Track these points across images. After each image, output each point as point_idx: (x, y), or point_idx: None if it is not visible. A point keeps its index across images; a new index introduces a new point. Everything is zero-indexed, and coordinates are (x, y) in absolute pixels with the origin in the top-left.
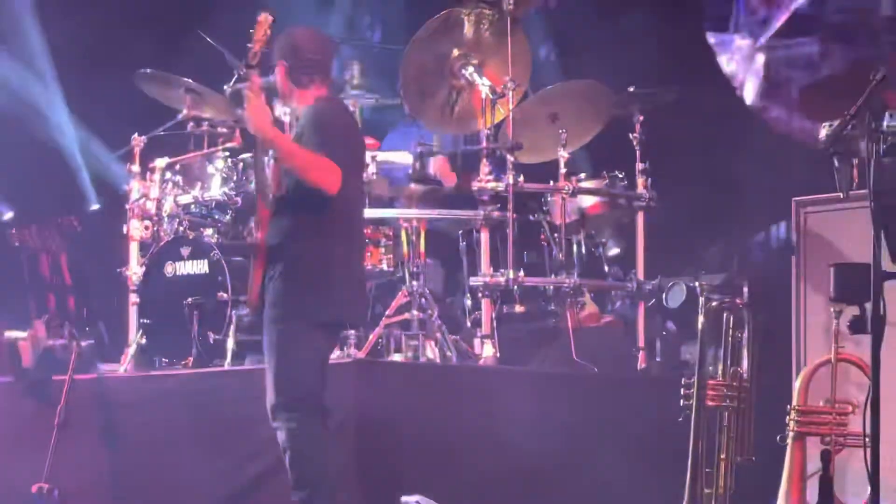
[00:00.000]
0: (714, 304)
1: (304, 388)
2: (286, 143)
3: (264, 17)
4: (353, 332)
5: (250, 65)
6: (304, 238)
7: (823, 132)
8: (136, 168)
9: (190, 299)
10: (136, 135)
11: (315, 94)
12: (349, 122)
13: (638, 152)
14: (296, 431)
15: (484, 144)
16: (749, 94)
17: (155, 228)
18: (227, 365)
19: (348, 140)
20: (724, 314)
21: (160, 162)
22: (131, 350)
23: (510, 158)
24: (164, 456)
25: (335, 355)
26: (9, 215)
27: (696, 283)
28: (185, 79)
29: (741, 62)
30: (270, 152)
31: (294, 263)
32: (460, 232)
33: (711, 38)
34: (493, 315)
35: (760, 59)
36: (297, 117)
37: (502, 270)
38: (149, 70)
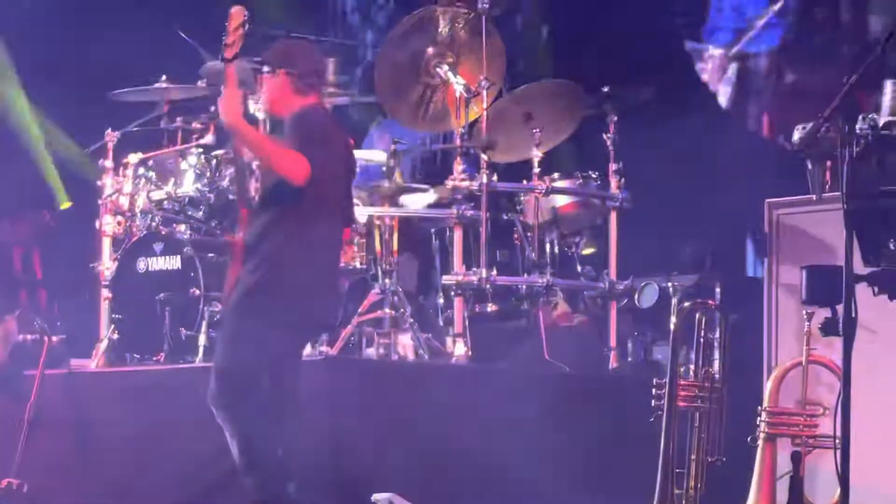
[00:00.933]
0: (686, 304)
1: (248, 377)
2: (255, 133)
3: (237, 10)
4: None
5: (226, 58)
6: (278, 236)
7: (797, 135)
8: (108, 163)
9: (162, 295)
10: (109, 130)
11: (307, 102)
12: (330, 125)
13: (612, 152)
14: (242, 416)
15: (458, 143)
16: (723, 100)
17: (128, 224)
18: (198, 361)
19: (327, 141)
20: (697, 315)
21: (133, 157)
22: (103, 345)
23: (484, 157)
24: (135, 452)
25: (307, 352)
26: None
27: (669, 284)
28: (162, 83)
29: (714, 71)
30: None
31: (266, 261)
32: (433, 230)
33: (687, 46)
34: (466, 314)
35: (732, 68)
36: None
37: (475, 269)
38: (123, 90)
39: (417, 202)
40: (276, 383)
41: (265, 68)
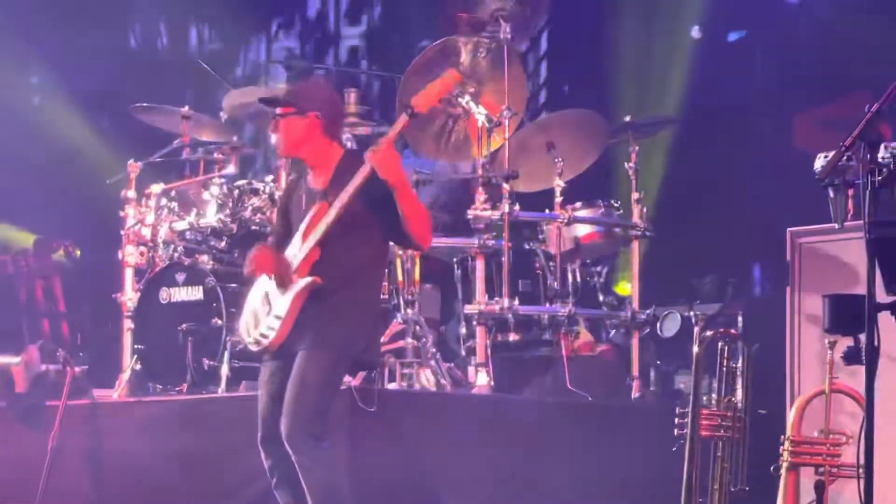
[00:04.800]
0: (708, 333)
1: (324, 418)
2: (411, 190)
3: (455, 76)
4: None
5: (414, 114)
6: (358, 282)
7: (819, 163)
8: (131, 194)
9: (185, 325)
10: (131, 160)
11: (335, 144)
12: None
13: (633, 181)
14: (318, 459)
15: (480, 173)
16: None
17: (150, 254)
18: (221, 391)
19: None
20: (719, 344)
21: (156, 188)
22: (125, 376)
23: (506, 187)
24: (157, 482)
25: None
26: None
27: (691, 313)
28: (182, 108)
29: None
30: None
31: (347, 304)
32: (455, 259)
33: None
34: (488, 343)
35: None
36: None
37: (497, 298)
38: (143, 104)
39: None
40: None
41: (286, 109)
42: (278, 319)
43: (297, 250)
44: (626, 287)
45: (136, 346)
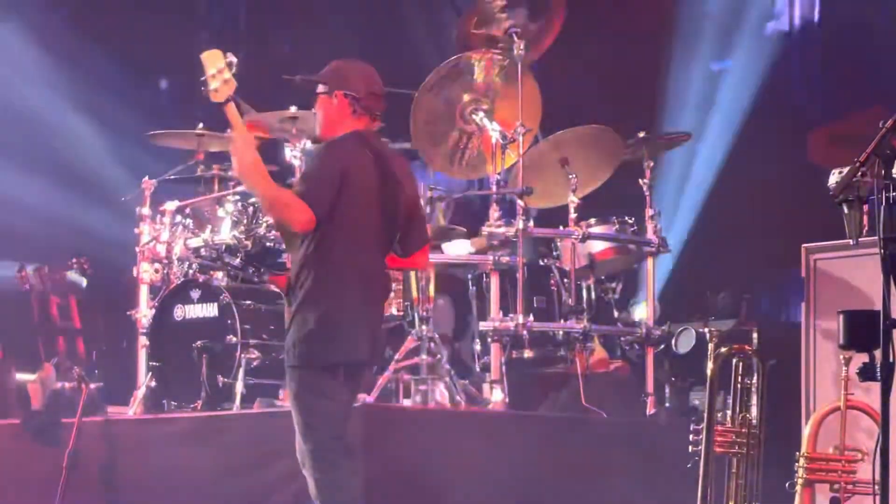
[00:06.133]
0: (723, 350)
1: (325, 434)
2: (257, 180)
3: (211, 54)
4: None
5: (218, 102)
6: (306, 282)
7: (833, 179)
8: (146, 211)
9: (199, 342)
10: (146, 178)
11: (359, 126)
12: (358, 159)
13: (648, 197)
14: (320, 481)
15: (494, 189)
16: None
17: (165, 271)
18: (235, 408)
19: (349, 178)
20: (734, 360)
21: (170, 205)
22: (140, 393)
23: (520, 203)
24: (171, 499)
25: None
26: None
27: (706, 329)
28: (198, 129)
29: None
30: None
31: (299, 309)
32: (469, 276)
33: None
34: (503, 360)
35: None
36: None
37: (512, 315)
38: (158, 131)
39: (456, 250)
40: (336, 429)
41: (320, 88)
42: None
43: None
44: (643, 312)
45: (150, 363)
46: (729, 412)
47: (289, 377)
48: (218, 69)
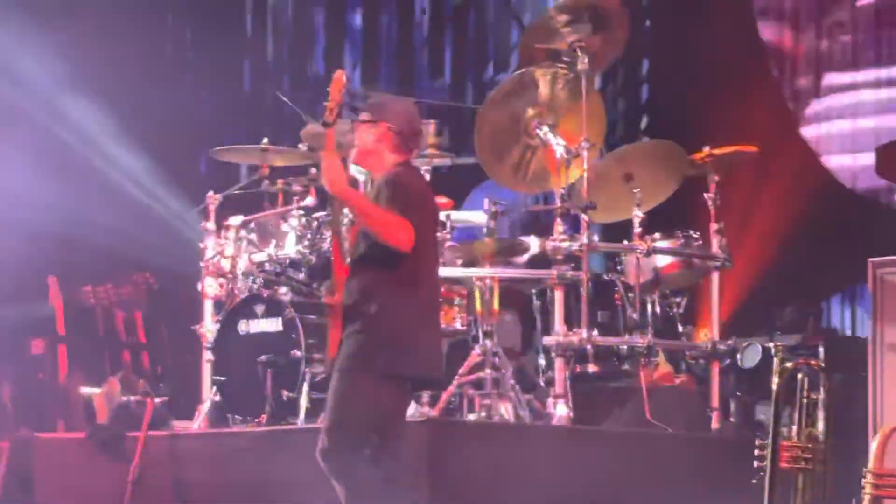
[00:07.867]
0: (789, 364)
1: (356, 434)
2: (361, 200)
3: (340, 74)
4: (428, 391)
5: (327, 122)
6: (380, 297)
7: None
8: (210, 226)
9: (264, 357)
10: (211, 192)
11: (401, 159)
12: (424, 185)
13: (713, 212)
14: (351, 472)
15: (558, 204)
16: None
17: (229, 286)
18: (300, 423)
19: (423, 202)
20: (799, 375)
21: (235, 220)
22: (205, 407)
23: (584, 218)
24: None
25: (409, 412)
26: None
27: (771, 344)
28: (262, 144)
29: None
30: (347, 212)
31: (370, 322)
32: (534, 291)
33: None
34: (567, 374)
35: None
36: (371, 178)
37: (576, 329)
38: (223, 147)
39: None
40: (383, 441)
41: (364, 116)
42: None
43: None
44: (706, 335)
45: (215, 378)
46: (794, 427)
47: (338, 378)
48: (340, 89)
